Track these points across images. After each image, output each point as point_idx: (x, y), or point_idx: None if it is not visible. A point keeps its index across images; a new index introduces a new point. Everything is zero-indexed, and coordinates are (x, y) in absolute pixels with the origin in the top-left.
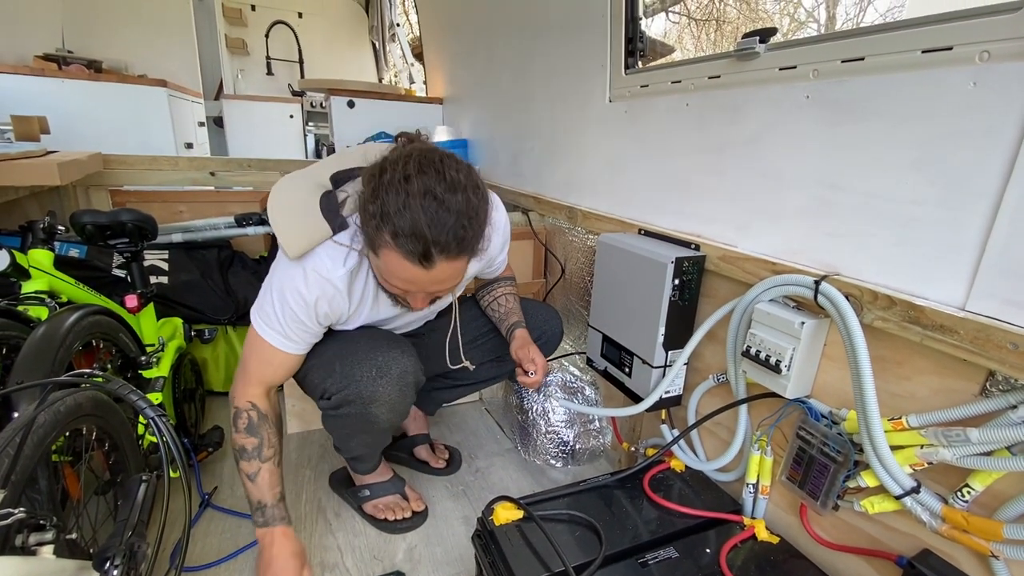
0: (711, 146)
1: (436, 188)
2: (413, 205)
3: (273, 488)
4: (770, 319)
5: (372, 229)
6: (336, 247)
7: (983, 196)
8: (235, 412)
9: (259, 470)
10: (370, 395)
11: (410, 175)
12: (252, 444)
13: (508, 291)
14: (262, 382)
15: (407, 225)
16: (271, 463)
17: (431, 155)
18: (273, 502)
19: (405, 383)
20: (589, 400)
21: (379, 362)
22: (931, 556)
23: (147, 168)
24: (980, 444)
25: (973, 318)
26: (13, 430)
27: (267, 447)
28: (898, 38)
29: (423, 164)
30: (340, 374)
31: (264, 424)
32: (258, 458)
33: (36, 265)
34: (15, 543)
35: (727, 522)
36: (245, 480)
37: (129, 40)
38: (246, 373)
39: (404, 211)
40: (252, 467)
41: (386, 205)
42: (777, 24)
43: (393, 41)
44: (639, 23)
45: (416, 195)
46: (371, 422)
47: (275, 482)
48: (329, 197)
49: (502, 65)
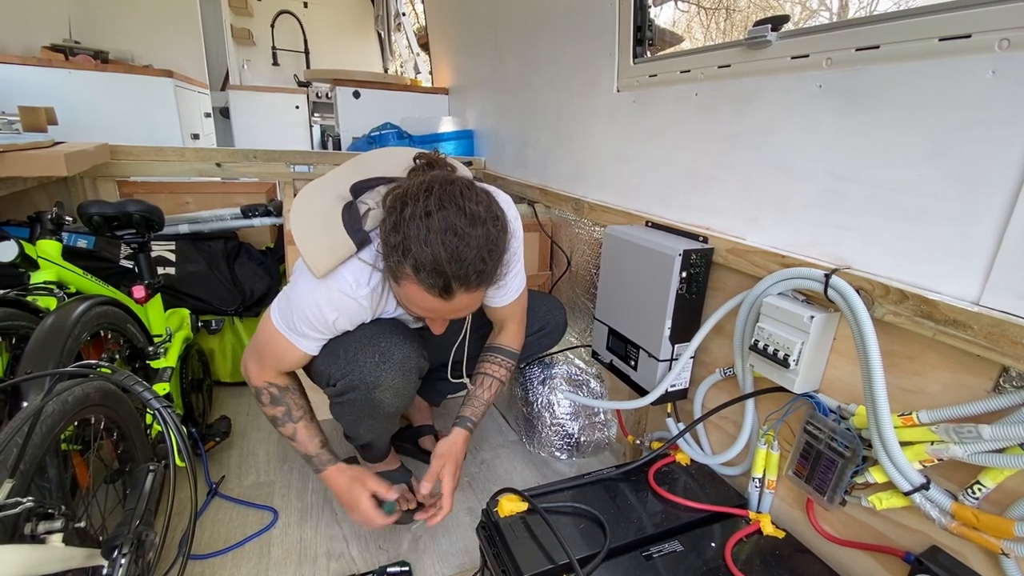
0: (720, 137)
1: (457, 223)
2: (434, 241)
3: (312, 440)
4: (779, 313)
5: (394, 262)
6: (360, 265)
7: (1000, 188)
8: (256, 391)
9: (295, 431)
10: (373, 380)
11: (431, 211)
12: (280, 412)
13: (497, 374)
14: (278, 368)
15: (428, 260)
16: (304, 421)
17: (452, 188)
18: (316, 451)
19: (407, 368)
20: (594, 393)
21: (382, 348)
22: (940, 553)
23: (154, 159)
24: (992, 441)
25: (987, 313)
26: (21, 420)
27: (295, 409)
28: (914, 25)
29: (443, 199)
30: (344, 360)
31: (286, 393)
32: (290, 420)
33: (44, 256)
34: (24, 531)
35: (732, 516)
36: (289, 442)
37: (135, 30)
38: (261, 360)
39: (425, 247)
40: (288, 430)
41: (408, 240)
42: (788, 12)
43: (399, 31)
44: (648, 11)
45: (437, 232)
46: (376, 407)
47: (312, 434)
48: (351, 210)
49: (508, 55)
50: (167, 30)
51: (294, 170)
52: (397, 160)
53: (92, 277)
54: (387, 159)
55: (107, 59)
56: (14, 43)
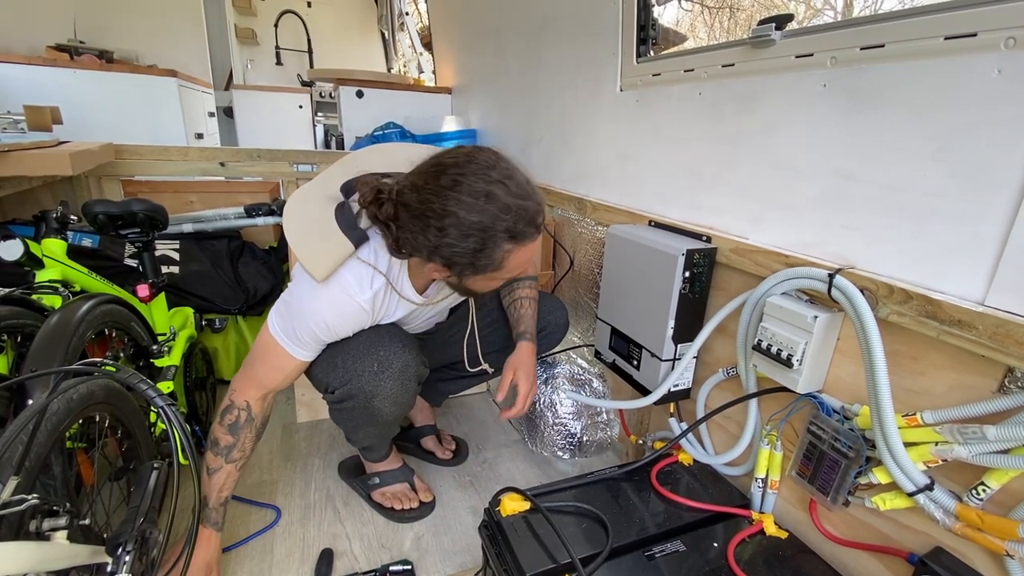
0: (724, 136)
1: (487, 176)
2: (500, 198)
3: (222, 491)
4: (782, 312)
5: (484, 258)
6: (360, 265)
7: (1005, 188)
8: (228, 405)
9: (220, 468)
10: (372, 390)
11: (475, 187)
12: (227, 442)
13: (528, 295)
14: (265, 386)
15: (516, 218)
16: (233, 466)
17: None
18: (214, 504)
19: (407, 377)
20: (597, 392)
21: (380, 357)
22: (944, 554)
23: (158, 158)
24: (997, 442)
25: (993, 313)
26: (26, 417)
27: (237, 450)
28: (920, 24)
29: (454, 178)
30: (343, 368)
31: (248, 428)
32: (224, 457)
33: (49, 254)
34: (29, 528)
35: (735, 516)
36: (203, 471)
37: (140, 30)
38: (253, 374)
39: (505, 213)
40: (216, 463)
41: (486, 227)
42: (792, 11)
43: (402, 30)
44: (651, 10)
45: (496, 197)
46: (375, 415)
47: (227, 485)
48: (343, 209)
49: (511, 54)
50: (171, 30)
51: (297, 169)
52: (386, 155)
53: (97, 276)
54: (375, 154)
55: (112, 59)
56: (19, 43)
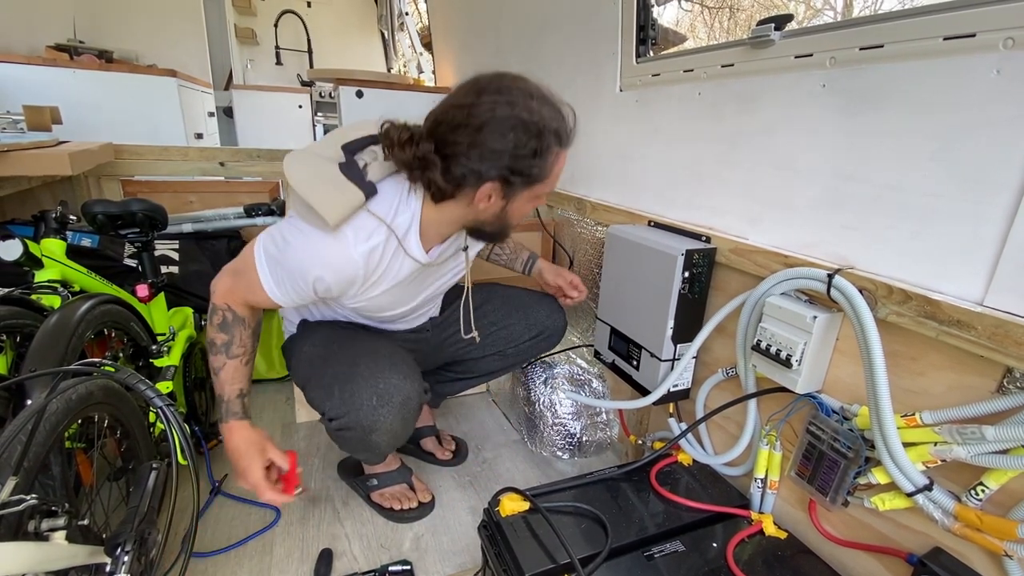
0: (723, 136)
1: (528, 86)
2: (548, 103)
3: (234, 384)
4: (781, 313)
5: (539, 163)
6: (366, 218)
7: (1005, 188)
8: (212, 308)
9: (224, 365)
10: (370, 424)
11: (525, 88)
12: (222, 340)
13: (508, 246)
14: (244, 299)
15: (560, 119)
16: (238, 361)
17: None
18: (230, 397)
19: (407, 411)
20: (596, 393)
21: (380, 389)
22: (943, 554)
23: (157, 158)
24: (996, 442)
25: (991, 313)
26: (25, 418)
27: (237, 346)
28: (919, 24)
29: (507, 84)
30: (340, 399)
31: (239, 325)
32: (225, 354)
33: (49, 254)
34: (28, 529)
35: (734, 516)
36: (213, 375)
37: (139, 30)
38: (234, 282)
39: (554, 113)
40: (219, 361)
41: (541, 127)
42: (792, 11)
43: (402, 30)
44: (651, 10)
45: (544, 99)
46: (372, 447)
47: (237, 378)
48: (351, 166)
49: (511, 54)
50: (171, 30)
51: None
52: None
53: (96, 276)
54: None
55: (111, 59)
56: (19, 43)
